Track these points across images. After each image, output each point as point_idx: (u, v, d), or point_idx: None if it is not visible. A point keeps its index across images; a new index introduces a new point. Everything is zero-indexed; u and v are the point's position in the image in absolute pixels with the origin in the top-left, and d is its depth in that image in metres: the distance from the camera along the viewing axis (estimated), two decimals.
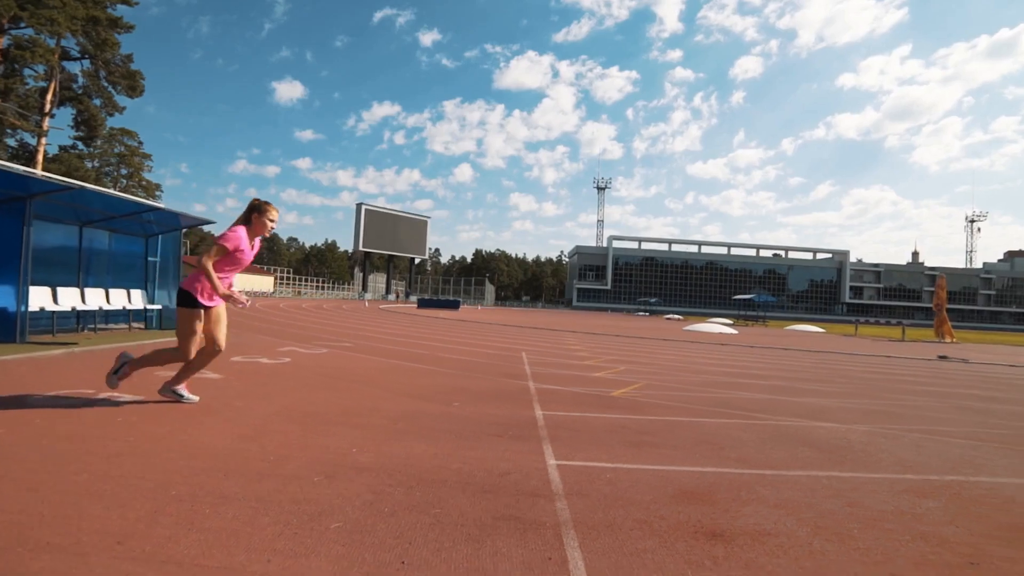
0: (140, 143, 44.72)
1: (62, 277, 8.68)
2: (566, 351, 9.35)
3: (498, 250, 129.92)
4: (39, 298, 7.71)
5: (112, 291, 9.49)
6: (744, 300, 46.92)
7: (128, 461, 2.37)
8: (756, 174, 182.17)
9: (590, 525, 1.95)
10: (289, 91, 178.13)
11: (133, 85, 28.89)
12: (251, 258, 3.64)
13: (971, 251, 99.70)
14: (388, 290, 70.18)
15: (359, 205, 65.80)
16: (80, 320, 9.02)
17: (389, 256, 70.04)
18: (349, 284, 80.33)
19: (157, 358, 3.63)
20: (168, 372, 4.00)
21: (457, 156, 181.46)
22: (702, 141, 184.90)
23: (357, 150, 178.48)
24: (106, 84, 28.54)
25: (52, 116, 26.36)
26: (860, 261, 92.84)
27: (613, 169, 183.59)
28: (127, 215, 9.33)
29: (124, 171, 44.50)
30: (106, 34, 26.34)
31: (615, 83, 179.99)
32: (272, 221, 3.61)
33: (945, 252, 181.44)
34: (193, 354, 3.55)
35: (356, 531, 1.82)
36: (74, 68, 28.14)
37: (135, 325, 9.94)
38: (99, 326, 9.21)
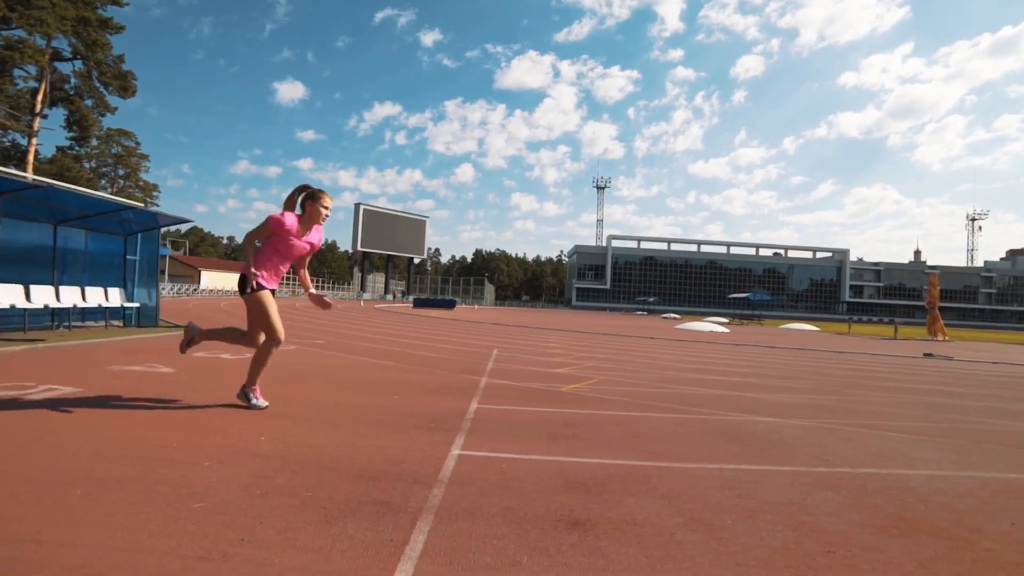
0: (137, 144, 44.91)
1: (36, 275, 8.68)
2: (542, 348, 9.34)
3: (498, 250, 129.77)
4: (9, 296, 7.73)
5: (88, 289, 9.49)
6: (740, 299, 46.80)
7: (35, 448, 2.40)
8: (758, 173, 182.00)
9: (453, 511, 1.94)
10: (291, 91, 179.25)
11: (125, 85, 28.98)
12: (305, 247, 3.51)
13: (972, 249, 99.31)
14: (387, 290, 70.22)
15: (357, 205, 65.90)
16: (55, 318, 9.04)
17: (388, 256, 70.11)
18: (348, 284, 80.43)
19: (228, 335, 3.58)
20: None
21: (458, 156, 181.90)
22: (703, 140, 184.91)
23: (359, 150, 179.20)
24: (98, 85, 28.65)
25: (44, 117, 26.52)
26: (861, 260, 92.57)
27: (614, 169, 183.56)
28: (102, 214, 9.35)
29: (121, 171, 44.70)
30: (96, 35, 26.42)
31: (616, 83, 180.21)
32: (326, 209, 3.50)
33: (947, 251, 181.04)
34: (281, 330, 3.43)
35: (215, 511, 1.83)
36: (66, 69, 28.38)
37: (113, 323, 9.96)
38: (74, 324, 9.23)
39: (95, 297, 9.58)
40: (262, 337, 3.48)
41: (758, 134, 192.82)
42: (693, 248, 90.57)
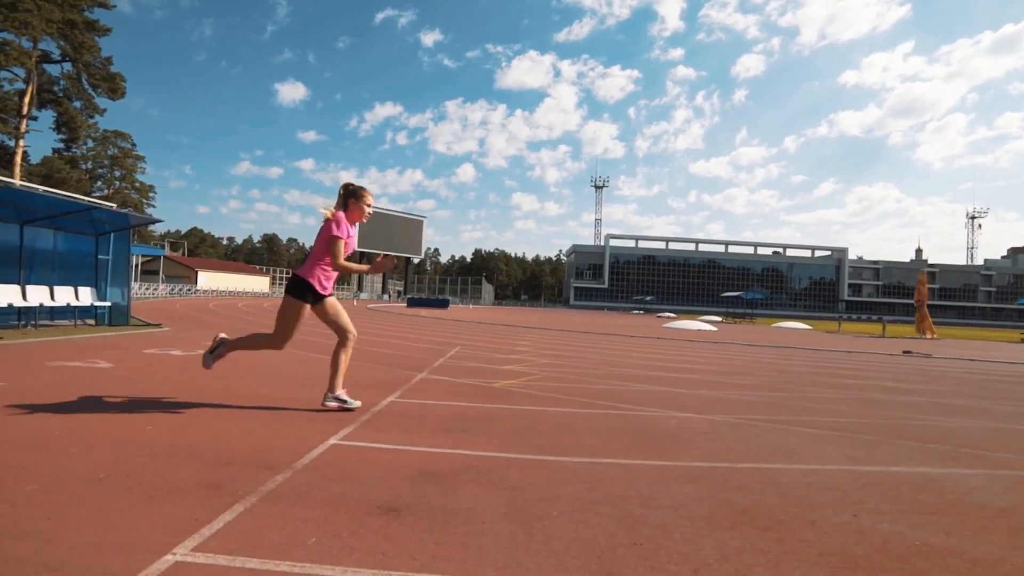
0: (133, 145, 45.08)
1: (2, 274, 8.74)
2: (508, 347, 9.34)
3: (497, 250, 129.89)
4: None
5: (58, 288, 9.53)
6: (734, 297, 46.73)
7: None
8: (759, 172, 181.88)
9: (281, 495, 1.96)
10: (292, 92, 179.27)
11: (114, 87, 29.10)
12: (353, 246, 3.52)
13: (973, 248, 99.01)
14: (384, 289, 70.31)
15: None
16: (22, 317, 9.08)
17: (385, 256, 70.11)
18: (348, 284, 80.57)
19: (252, 342, 3.51)
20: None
21: (459, 156, 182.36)
22: (704, 139, 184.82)
23: (360, 151, 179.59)
24: (87, 87, 28.76)
25: (34, 119, 26.67)
26: (861, 259, 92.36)
27: (615, 168, 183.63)
28: (69, 213, 9.39)
29: (117, 173, 44.84)
30: (83, 36, 26.50)
31: (617, 82, 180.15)
32: (369, 206, 3.49)
33: (949, 249, 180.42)
34: (290, 339, 3.37)
35: (42, 492, 1.87)
36: (55, 71, 28.45)
37: (84, 321, 10.00)
38: (42, 323, 9.27)
39: (64, 296, 9.61)
40: (291, 339, 3.41)
41: (759, 133, 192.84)
42: (691, 247, 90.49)
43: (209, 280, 54.70)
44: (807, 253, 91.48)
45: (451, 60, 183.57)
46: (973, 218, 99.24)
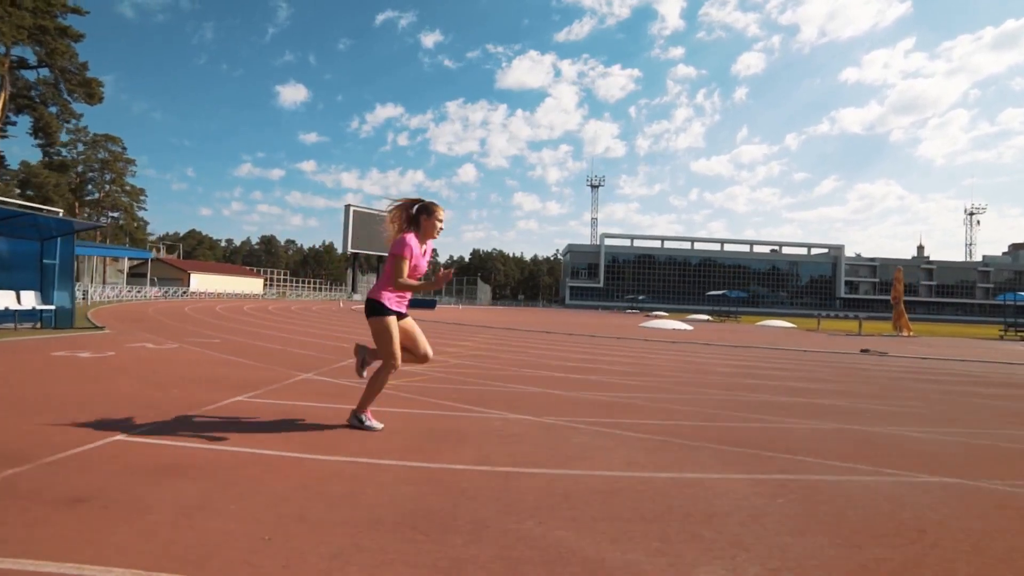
0: (124, 148, 45.35)
1: None
2: (437, 348, 9.35)
3: (495, 250, 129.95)
4: None
5: None
6: (717, 296, 46.69)
7: None
8: (760, 170, 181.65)
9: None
10: (293, 94, 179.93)
11: (91, 92, 29.34)
12: (425, 266, 3.48)
13: (971, 244, 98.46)
14: None
15: (347, 206, 66.23)
16: None
17: (379, 257, 70.37)
18: (344, 285, 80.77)
19: (376, 386, 3.43)
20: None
21: (460, 156, 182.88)
22: (705, 138, 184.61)
23: (361, 152, 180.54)
24: (64, 92, 28.96)
25: (14, 124, 26.84)
26: (859, 256, 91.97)
27: (616, 167, 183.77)
28: (9, 218, 9.49)
29: (108, 176, 45.15)
30: (56, 43, 26.68)
31: (617, 81, 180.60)
32: (440, 221, 3.42)
33: (952, 246, 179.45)
34: (399, 356, 3.37)
35: None
36: (32, 76, 28.48)
37: (25, 325, 10.10)
38: None
39: (5, 300, 9.72)
40: (399, 354, 3.37)
41: (760, 131, 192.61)
42: (687, 246, 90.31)
43: (202, 282, 54.96)
44: (804, 251, 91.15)
45: (451, 61, 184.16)
46: (972, 214, 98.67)
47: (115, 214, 49.49)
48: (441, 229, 3.45)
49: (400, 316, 3.42)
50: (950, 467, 3.17)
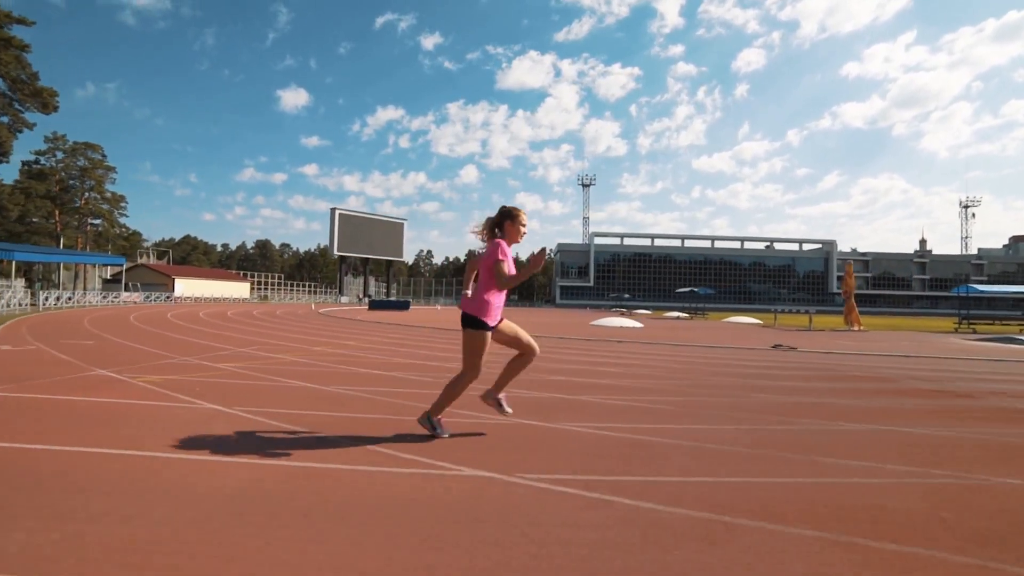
0: (104, 156, 45.80)
1: None
2: (320, 346, 9.48)
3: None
4: None
5: None
6: (686, 292, 46.70)
7: None
8: (762, 166, 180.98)
9: None
10: (294, 98, 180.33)
11: (45, 103, 29.69)
12: (513, 269, 3.55)
13: (967, 237, 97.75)
14: (365, 292, 70.84)
15: (333, 209, 66.53)
16: None
17: (365, 259, 70.81)
18: (330, 289, 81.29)
19: (452, 393, 3.53)
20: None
21: (462, 158, 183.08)
22: (706, 135, 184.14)
23: (363, 155, 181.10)
24: (16, 103, 29.24)
25: None
26: (855, 250, 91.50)
27: (618, 166, 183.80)
28: None
29: (89, 183, 45.64)
30: (2, 54, 26.95)
31: (617, 80, 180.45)
32: (524, 225, 3.57)
33: (957, 239, 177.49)
34: (481, 370, 3.50)
35: None
36: None
37: None
38: None
39: None
40: (482, 368, 3.51)
41: (761, 127, 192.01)
42: (676, 243, 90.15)
43: (187, 287, 55.46)
44: (795, 247, 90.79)
45: (451, 62, 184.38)
46: (967, 207, 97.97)
47: (96, 221, 50.02)
48: (524, 233, 3.59)
49: (496, 324, 3.51)
50: (564, 462, 3.28)
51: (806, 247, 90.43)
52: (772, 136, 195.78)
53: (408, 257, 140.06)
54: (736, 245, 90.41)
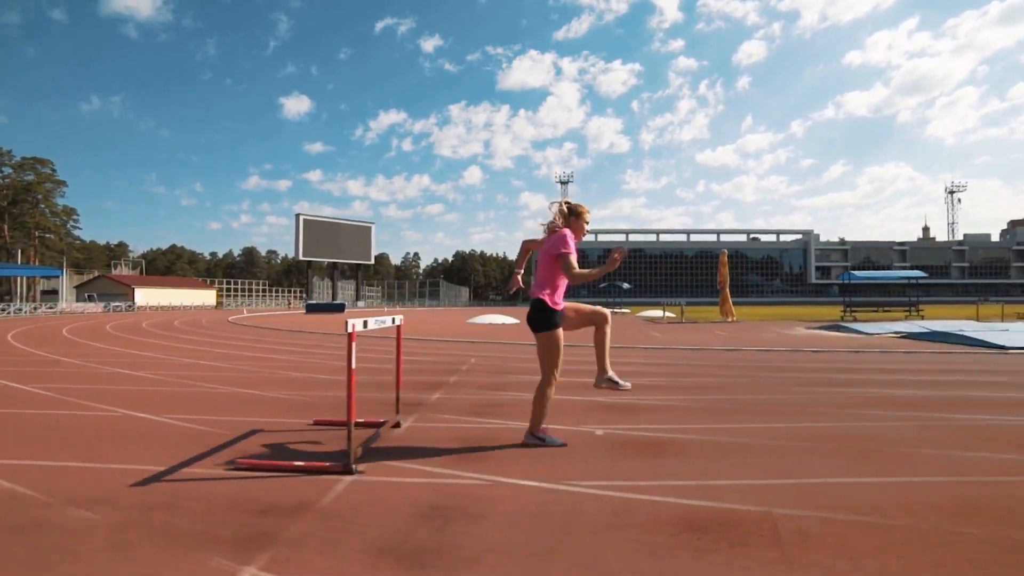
0: (53, 171, 46.25)
1: None
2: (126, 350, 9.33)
3: (472, 250, 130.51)
4: None
5: None
6: (616, 287, 46.25)
7: None
8: (767, 158, 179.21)
9: None
10: (297, 105, 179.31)
11: None
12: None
13: (953, 223, 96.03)
14: (334, 296, 71.02)
15: (297, 215, 66.71)
16: None
17: (332, 263, 71.01)
18: (297, 294, 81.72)
19: (542, 404, 3.36)
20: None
21: (465, 159, 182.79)
22: (709, 129, 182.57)
23: (366, 159, 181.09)
24: None
25: None
26: (842, 240, 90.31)
27: (622, 162, 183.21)
28: None
29: (37, 197, 46.13)
30: None
31: (618, 76, 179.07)
32: (587, 224, 3.55)
33: (966, 225, 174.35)
34: (560, 371, 3.36)
35: None
36: None
37: None
38: None
39: None
40: (589, 314, 3.47)
41: (764, 119, 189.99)
42: (652, 238, 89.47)
43: (148, 296, 56.08)
44: (772, 238, 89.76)
45: (452, 64, 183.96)
46: (952, 192, 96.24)
47: (48, 235, 50.55)
48: (586, 232, 3.54)
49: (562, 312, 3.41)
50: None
51: (784, 238, 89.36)
52: (776, 128, 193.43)
53: (396, 259, 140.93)
54: (712, 238, 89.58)
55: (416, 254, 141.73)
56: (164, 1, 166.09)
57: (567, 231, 3.38)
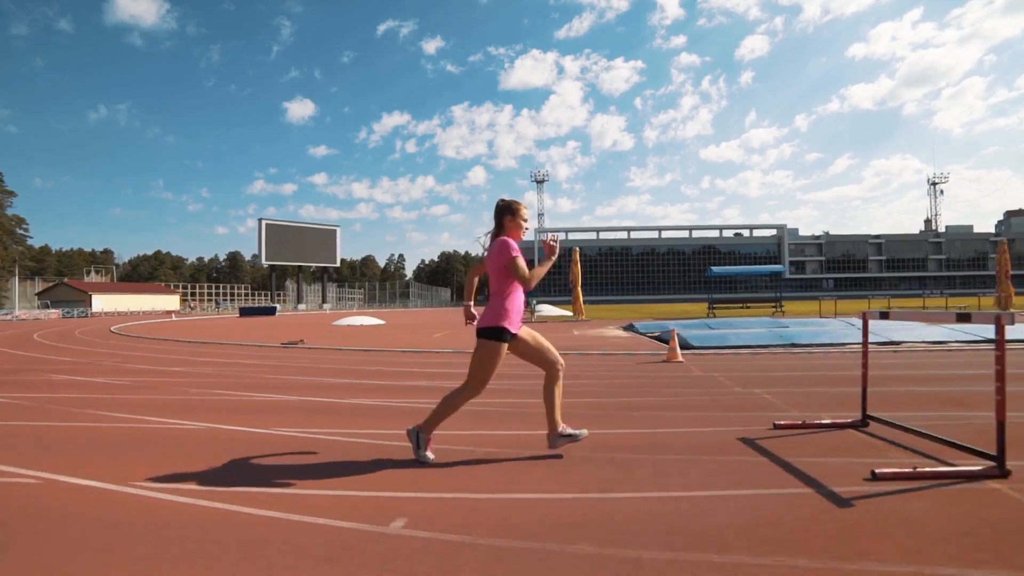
0: (2, 182, 46.85)
1: None
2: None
3: (454, 251, 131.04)
4: None
5: None
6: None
7: None
8: (771, 153, 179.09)
9: None
10: (301, 109, 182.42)
11: None
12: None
13: (936, 215, 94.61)
14: (300, 299, 71.46)
15: (260, 220, 67.29)
16: None
17: (297, 267, 71.49)
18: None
19: (450, 406, 3.10)
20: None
21: (469, 160, 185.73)
22: (713, 124, 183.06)
23: (371, 162, 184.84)
24: None
25: None
26: (827, 233, 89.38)
27: (626, 160, 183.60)
28: None
29: None
30: None
31: (621, 74, 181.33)
32: (525, 220, 3.20)
33: (972, 217, 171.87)
34: (487, 384, 3.09)
35: None
36: None
37: None
38: None
39: None
40: (551, 357, 3.11)
41: (768, 114, 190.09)
42: (622, 235, 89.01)
43: (107, 303, 56.74)
44: (746, 233, 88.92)
45: (454, 65, 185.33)
46: (934, 184, 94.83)
47: None
48: (527, 228, 3.22)
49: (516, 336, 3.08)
50: None
51: (757, 233, 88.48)
52: (780, 122, 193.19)
53: (381, 261, 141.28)
54: (685, 234, 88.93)
55: (401, 255, 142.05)
56: (168, 9, 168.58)
57: (506, 238, 3.09)
